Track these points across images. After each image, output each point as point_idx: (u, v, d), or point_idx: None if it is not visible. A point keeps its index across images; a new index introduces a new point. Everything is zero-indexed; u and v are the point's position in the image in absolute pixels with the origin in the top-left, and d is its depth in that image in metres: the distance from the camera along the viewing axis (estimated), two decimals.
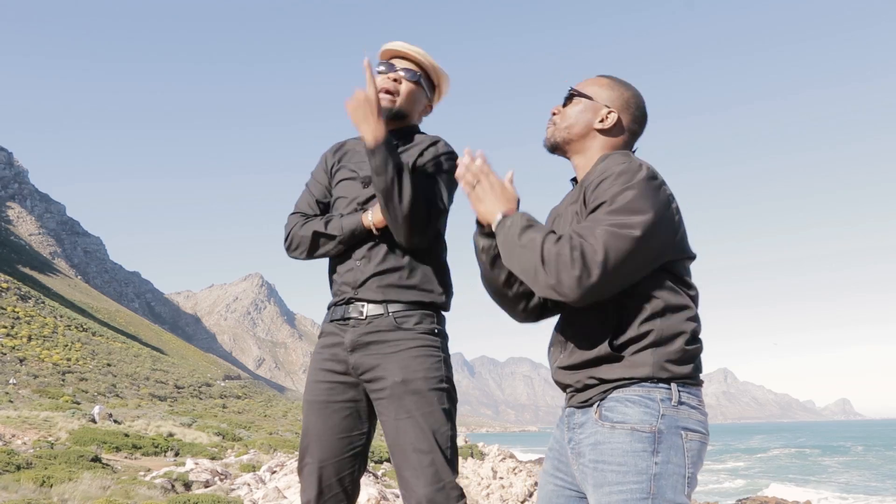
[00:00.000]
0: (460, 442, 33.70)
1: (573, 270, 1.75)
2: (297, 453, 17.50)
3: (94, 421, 20.44)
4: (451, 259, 2.70)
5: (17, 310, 62.94)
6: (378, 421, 2.54)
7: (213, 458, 15.67)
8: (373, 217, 2.51)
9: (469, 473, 21.33)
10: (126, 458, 14.73)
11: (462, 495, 2.39)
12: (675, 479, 1.82)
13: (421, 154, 2.60)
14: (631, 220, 1.80)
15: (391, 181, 2.36)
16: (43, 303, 77.54)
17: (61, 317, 74.70)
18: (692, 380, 1.91)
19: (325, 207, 2.72)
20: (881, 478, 40.24)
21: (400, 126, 2.66)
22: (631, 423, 1.83)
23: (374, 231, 2.52)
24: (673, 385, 1.87)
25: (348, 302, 2.54)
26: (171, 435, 19.85)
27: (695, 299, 1.98)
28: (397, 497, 8.45)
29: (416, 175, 2.49)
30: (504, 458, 25.91)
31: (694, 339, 1.93)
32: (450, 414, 2.44)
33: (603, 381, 1.90)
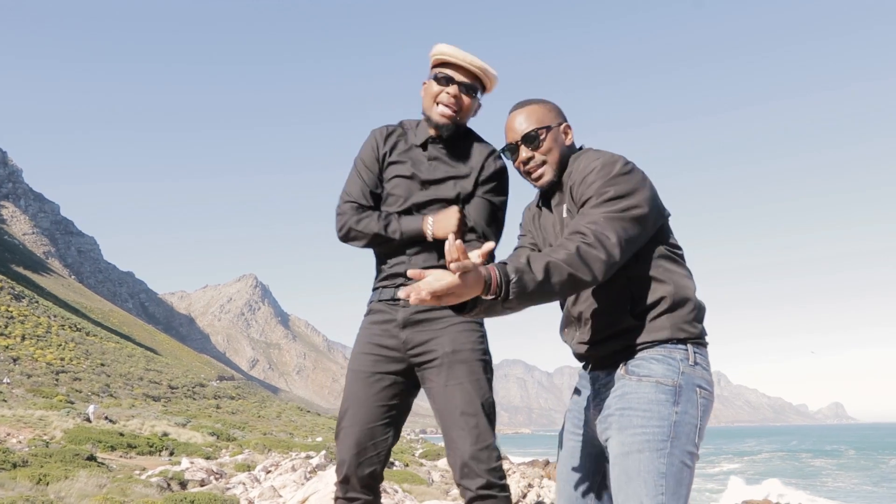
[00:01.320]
0: None
1: (601, 256, 2.01)
2: (290, 454, 17.64)
3: (88, 420, 20.44)
4: None
5: (10, 309, 62.74)
6: (424, 390, 2.78)
7: (208, 458, 15.69)
8: (433, 231, 2.71)
9: None
10: (121, 457, 14.75)
11: (500, 455, 2.67)
12: (690, 428, 2.13)
13: (482, 168, 2.79)
14: (627, 202, 2.12)
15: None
16: (37, 302, 77.36)
17: (55, 316, 74.44)
18: (702, 339, 2.25)
19: (376, 198, 2.87)
20: (873, 481, 40.38)
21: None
22: (656, 378, 2.15)
23: (431, 240, 2.75)
24: (689, 345, 2.20)
25: (398, 285, 2.76)
26: (165, 435, 19.85)
27: (683, 257, 2.30)
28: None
29: (482, 197, 2.76)
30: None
31: (696, 299, 2.25)
32: (490, 383, 2.72)
33: (627, 347, 2.21)
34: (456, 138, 2.82)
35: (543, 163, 2.35)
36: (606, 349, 2.27)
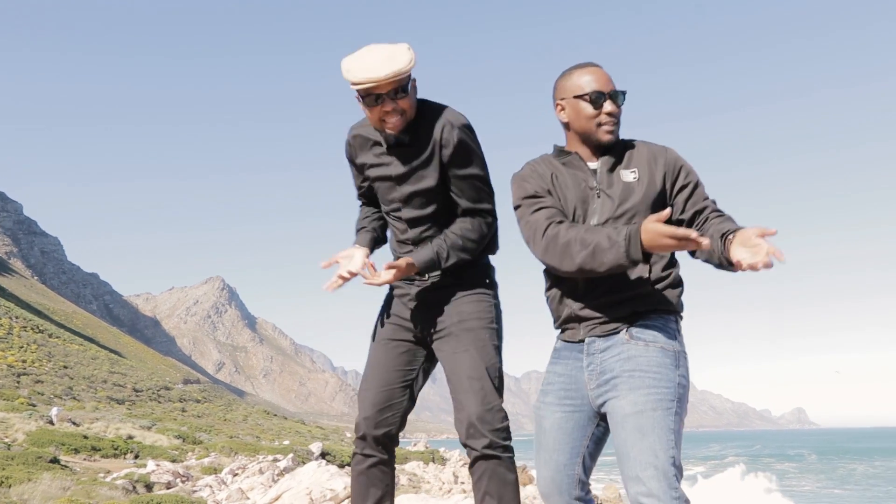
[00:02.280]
0: (421, 447, 33.89)
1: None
2: (258, 457, 17.55)
3: (51, 423, 20.16)
4: None
5: None
6: (439, 359, 2.97)
7: (174, 461, 15.55)
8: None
9: (430, 478, 21.39)
10: (85, 459, 14.55)
11: (506, 417, 2.82)
12: (685, 390, 2.40)
13: (442, 145, 2.82)
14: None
15: (457, 259, 2.87)
16: None
17: (17, 318, 73.32)
18: (682, 315, 2.53)
19: (370, 192, 3.15)
20: (835, 484, 41.08)
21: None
22: (661, 343, 2.40)
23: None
24: (678, 318, 2.50)
25: None
26: (130, 437, 19.63)
27: None
28: None
29: (454, 178, 2.86)
30: (465, 464, 25.99)
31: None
32: (498, 350, 2.92)
33: (633, 313, 2.43)
34: (409, 126, 2.84)
35: (618, 122, 2.55)
36: (613, 313, 2.45)
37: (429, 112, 2.86)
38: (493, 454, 2.75)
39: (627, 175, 2.51)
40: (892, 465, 58.39)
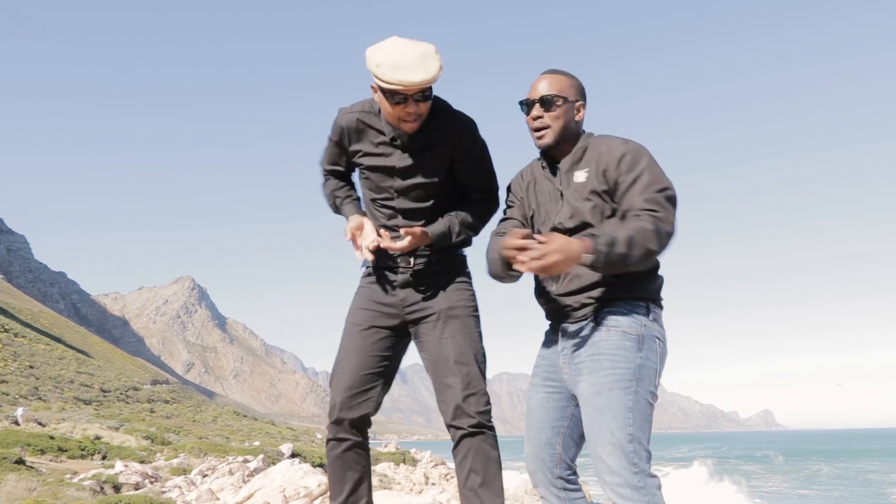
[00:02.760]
0: (392, 448, 33.86)
1: (670, 231, 2.41)
2: (228, 458, 17.40)
3: (17, 423, 19.90)
4: None
5: None
6: (417, 344, 3.07)
7: (142, 462, 15.39)
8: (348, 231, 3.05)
9: (401, 479, 21.37)
10: (51, 461, 14.36)
11: (489, 401, 2.94)
12: (651, 371, 2.50)
13: (455, 144, 2.94)
14: (664, 184, 2.49)
15: (465, 236, 3.03)
16: None
17: None
18: (659, 302, 2.63)
19: (346, 172, 3.21)
20: (801, 485, 41.61)
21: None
22: (623, 328, 2.51)
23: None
24: (650, 304, 2.58)
25: (398, 255, 3.03)
26: (98, 438, 19.43)
27: None
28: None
29: (467, 172, 3.01)
30: (436, 465, 26.02)
31: (659, 269, 2.63)
32: (481, 336, 3.03)
33: (599, 300, 2.57)
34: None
35: (547, 127, 2.67)
36: (579, 301, 2.60)
37: (438, 108, 2.92)
38: (477, 431, 2.88)
39: (580, 175, 2.65)
40: (856, 467, 59.28)
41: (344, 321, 3.14)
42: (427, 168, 2.95)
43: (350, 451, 3.01)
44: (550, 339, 2.76)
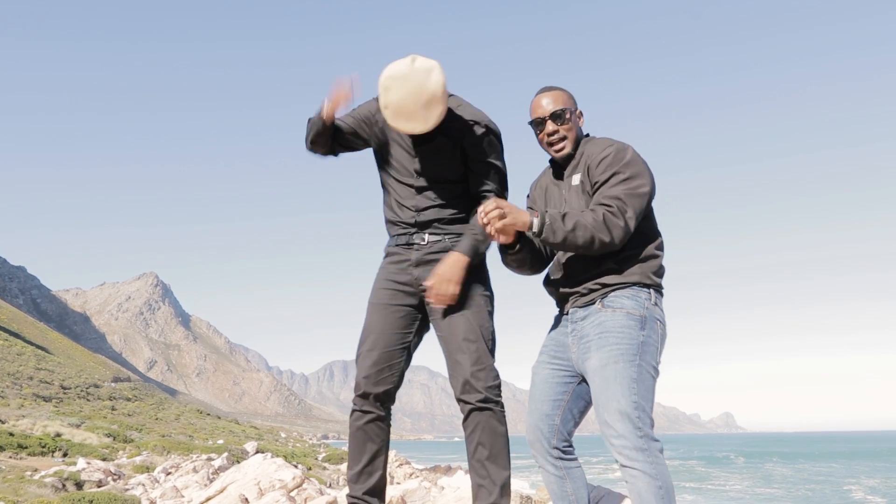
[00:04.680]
0: None
1: (621, 224, 2.69)
2: (191, 456, 17.24)
3: None
4: None
5: None
6: (431, 321, 3.22)
7: (104, 459, 15.20)
8: (326, 109, 3.17)
9: None
10: (11, 457, 14.16)
11: (498, 376, 3.11)
12: (653, 347, 2.78)
13: (465, 138, 3.11)
14: (638, 182, 2.78)
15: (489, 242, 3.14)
16: None
17: None
18: (661, 288, 2.89)
19: (352, 139, 3.30)
20: (761, 485, 42.23)
21: None
22: (626, 309, 2.78)
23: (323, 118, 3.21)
24: (651, 290, 2.84)
25: (412, 233, 3.22)
26: (59, 435, 19.13)
27: (656, 224, 2.94)
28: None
29: (480, 165, 3.14)
30: (401, 465, 25.91)
31: (661, 258, 2.90)
32: (492, 315, 3.19)
33: (604, 286, 2.84)
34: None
35: (564, 138, 2.97)
36: (587, 287, 2.87)
37: (453, 104, 3.13)
38: (485, 406, 3.05)
39: (576, 179, 2.95)
40: (815, 468, 60.30)
41: (366, 301, 3.30)
42: (442, 150, 3.13)
43: (372, 423, 3.19)
44: (559, 323, 3.03)
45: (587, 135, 3.06)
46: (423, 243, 3.18)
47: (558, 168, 3.07)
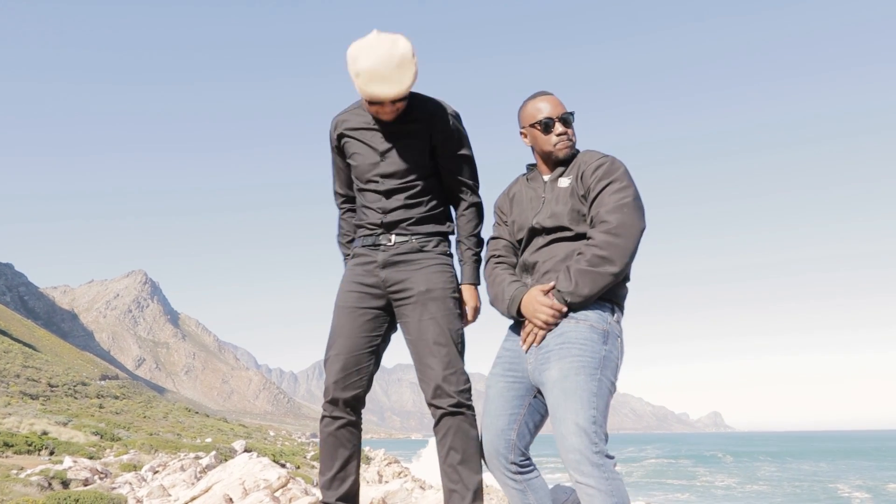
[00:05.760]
0: None
1: (627, 245, 2.74)
2: (179, 454, 17.19)
3: None
4: None
5: None
6: (400, 324, 3.23)
7: (91, 458, 15.13)
8: None
9: None
10: None
11: (468, 379, 3.11)
12: (613, 364, 2.77)
13: (435, 129, 3.15)
14: (633, 192, 2.81)
15: (480, 248, 3.32)
16: None
17: None
18: (622, 307, 2.90)
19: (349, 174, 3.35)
20: (749, 484, 42.43)
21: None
22: (591, 322, 2.76)
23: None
24: (615, 307, 2.84)
25: (378, 234, 3.22)
26: (45, 433, 19.04)
27: None
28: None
29: (449, 158, 3.21)
30: (390, 463, 26.07)
31: (627, 281, 2.90)
32: (460, 317, 3.19)
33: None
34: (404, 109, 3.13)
35: (571, 139, 3.01)
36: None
37: (419, 97, 3.17)
38: (457, 411, 3.05)
39: (564, 182, 2.97)
40: (802, 467, 60.67)
41: (333, 304, 3.29)
42: (409, 149, 3.14)
43: (343, 428, 3.17)
44: (515, 334, 2.99)
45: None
46: (389, 244, 3.17)
47: (537, 173, 3.12)
